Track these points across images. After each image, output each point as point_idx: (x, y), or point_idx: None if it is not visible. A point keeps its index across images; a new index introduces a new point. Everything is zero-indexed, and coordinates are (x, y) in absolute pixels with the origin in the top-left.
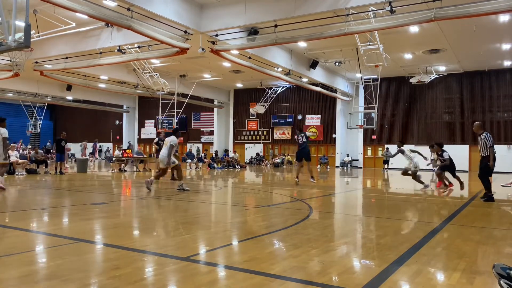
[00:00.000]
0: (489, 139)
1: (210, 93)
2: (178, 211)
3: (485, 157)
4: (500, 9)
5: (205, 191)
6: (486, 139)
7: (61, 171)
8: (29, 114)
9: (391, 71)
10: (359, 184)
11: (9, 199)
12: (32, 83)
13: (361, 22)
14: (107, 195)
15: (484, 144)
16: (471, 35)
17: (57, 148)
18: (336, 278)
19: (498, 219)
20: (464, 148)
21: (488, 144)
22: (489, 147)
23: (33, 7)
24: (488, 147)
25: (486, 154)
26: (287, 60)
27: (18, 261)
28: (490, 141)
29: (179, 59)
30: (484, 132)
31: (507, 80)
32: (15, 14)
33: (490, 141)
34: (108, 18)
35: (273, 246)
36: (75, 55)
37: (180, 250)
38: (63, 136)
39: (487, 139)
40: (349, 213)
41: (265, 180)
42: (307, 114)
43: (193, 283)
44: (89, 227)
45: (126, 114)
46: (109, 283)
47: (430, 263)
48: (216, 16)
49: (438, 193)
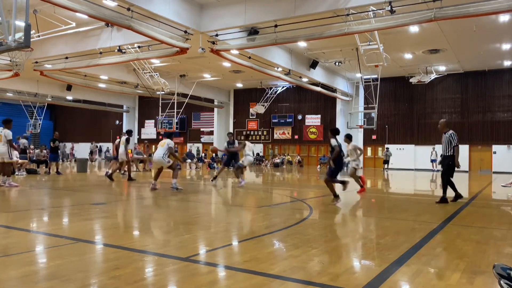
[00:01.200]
0: (455, 138)
1: (210, 93)
2: (178, 211)
3: (448, 157)
4: (500, 9)
5: (205, 191)
6: (452, 137)
7: (57, 171)
8: (29, 114)
9: (391, 71)
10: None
11: (9, 199)
12: (32, 83)
13: (361, 22)
14: (107, 195)
15: (448, 143)
16: (471, 35)
17: (51, 148)
18: (336, 278)
19: (498, 219)
20: (464, 148)
21: (453, 143)
22: (454, 146)
23: (33, 7)
24: (453, 146)
25: (450, 153)
26: (287, 60)
27: (18, 261)
28: (456, 140)
29: (179, 59)
30: (450, 130)
31: (507, 80)
32: (15, 14)
33: (456, 140)
34: (108, 18)
35: (273, 246)
36: (75, 55)
37: (180, 250)
38: (56, 136)
39: (452, 137)
40: (349, 213)
41: (265, 180)
42: (307, 114)
43: (193, 283)
44: (89, 227)
45: (126, 114)
46: (109, 283)
47: (430, 263)
48: (216, 16)
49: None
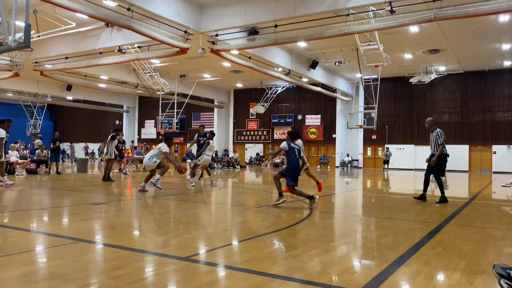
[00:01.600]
0: (441, 136)
1: (210, 93)
2: (178, 211)
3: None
4: (500, 9)
5: (205, 191)
6: (439, 136)
7: (57, 171)
8: (29, 114)
9: (391, 71)
10: (359, 184)
11: (9, 199)
12: (32, 83)
13: (361, 22)
14: (107, 195)
15: (436, 141)
16: (471, 35)
17: (52, 149)
18: (336, 278)
19: (498, 219)
20: (464, 148)
21: (440, 141)
22: (440, 144)
23: (33, 7)
24: (439, 144)
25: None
26: (287, 60)
27: (18, 261)
28: (442, 138)
29: (179, 59)
30: (437, 129)
31: (507, 80)
32: (15, 14)
33: (442, 138)
34: (108, 18)
35: (273, 246)
36: (75, 55)
37: (180, 250)
38: (56, 136)
39: (439, 136)
40: (349, 213)
41: (265, 180)
42: (307, 114)
43: (193, 283)
44: (89, 227)
45: (126, 114)
46: (109, 283)
47: (430, 263)
48: (216, 16)
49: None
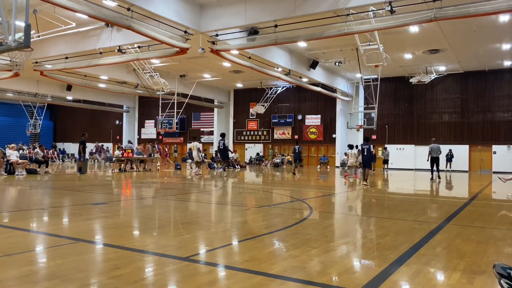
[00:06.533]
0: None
1: (210, 93)
2: (178, 211)
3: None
4: (500, 9)
5: (205, 191)
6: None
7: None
8: (29, 114)
9: (391, 71)
10: (359, 184)
11: (9, 199)
12: (32, 83)
13: (361, 22)
14: (107, 195)
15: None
16: (471, 35)
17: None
18: (336, 278)
19: (498, 219)
20: (464, 148)
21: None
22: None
23: (33, 7)
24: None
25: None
26: (287, 60)
27: (18, 261)
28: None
29: (179, 59)
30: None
31: (507, 80)
32: (15, 14)
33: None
34: (108, 18)
35: (273, 246)
36: (75, 55)
37: (180, 250)
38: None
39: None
40: (349, 213)
41: (265, 180)
42: (307, 114)
43: (193, 283)
44: (89, 227)
45: (126, 114)
46: (109, 283)
47: (430, 263)
48: (216, 16)
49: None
